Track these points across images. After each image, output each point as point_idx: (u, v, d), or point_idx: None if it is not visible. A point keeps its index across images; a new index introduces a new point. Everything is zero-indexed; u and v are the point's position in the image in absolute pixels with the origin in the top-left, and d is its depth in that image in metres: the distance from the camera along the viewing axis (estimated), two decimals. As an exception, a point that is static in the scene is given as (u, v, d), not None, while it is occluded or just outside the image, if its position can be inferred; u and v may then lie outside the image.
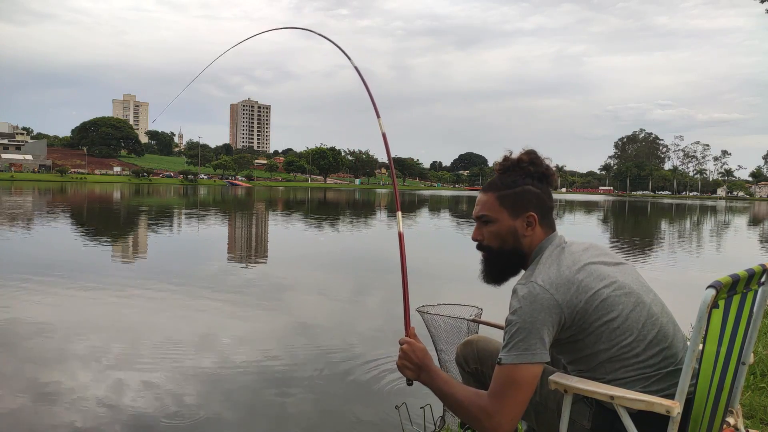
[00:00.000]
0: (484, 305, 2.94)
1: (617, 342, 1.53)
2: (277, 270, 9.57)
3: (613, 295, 1.54)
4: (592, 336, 1.54)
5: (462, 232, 18.92)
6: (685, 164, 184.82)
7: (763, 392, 3.24)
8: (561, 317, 1.51)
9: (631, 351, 1.54)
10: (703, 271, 10.91)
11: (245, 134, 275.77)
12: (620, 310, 1.54)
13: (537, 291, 1.51)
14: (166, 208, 27.43)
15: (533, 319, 1.48)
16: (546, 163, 1.72)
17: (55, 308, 6.17)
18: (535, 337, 1.48)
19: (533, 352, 1.47)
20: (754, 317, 1.69)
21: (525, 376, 1.47)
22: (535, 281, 1.53)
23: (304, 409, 3.75)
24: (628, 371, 1.54)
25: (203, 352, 4.85)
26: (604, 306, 1.53)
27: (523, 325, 1.49)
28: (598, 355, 1.55)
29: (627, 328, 1.54)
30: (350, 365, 4.61)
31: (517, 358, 1.48)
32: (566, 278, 1.53)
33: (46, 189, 53.89)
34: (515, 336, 1.49)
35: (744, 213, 46.41)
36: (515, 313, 1.51)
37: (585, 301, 1.52)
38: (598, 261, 1.61)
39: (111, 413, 3.57)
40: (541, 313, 1.49)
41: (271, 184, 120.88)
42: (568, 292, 1.52)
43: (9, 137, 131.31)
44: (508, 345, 1.50)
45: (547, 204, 1.70)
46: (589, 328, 1.53)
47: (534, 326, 1.48)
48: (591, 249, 1.67)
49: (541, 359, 1.48)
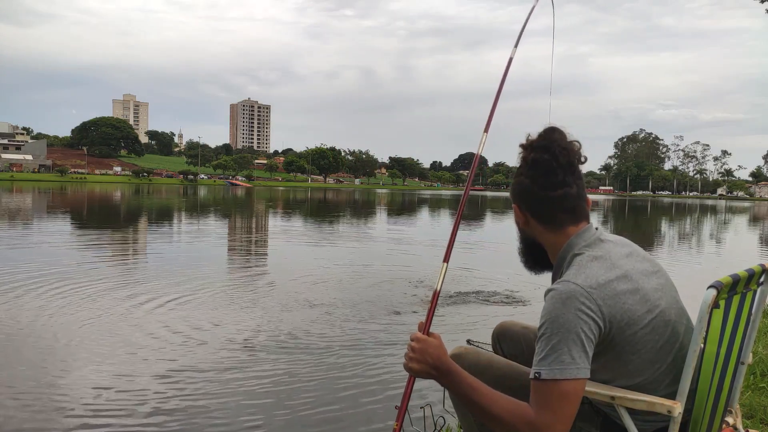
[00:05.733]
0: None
1: (642, 374, 1.45)
2: (293, 270, 9.57)
3: (654, 323, 1.42)
4: (618, 361, 1.43)
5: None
6: (685, 164, 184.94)
7: (762, 392, 3.24)
8: (601, 325, 1.35)
9: (654, 383, 1.46)
10: (703, 272, 10.91)
11: (245, 134, 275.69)
12: (656, 341, 1.43)
13: (576, 291, 1.35)
14: (169, 210, 27.35)
15: (574, 326, 1.32)
16: (534, 154, 1.51)
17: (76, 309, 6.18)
18: (578, 349, 1.31)
19: (578, 366, 1.31)
20: (754, 317, 1.69)
21: (572, 389, 1.31)
22: (574, 281, 1.37)
23: (302, 409, 3.74)
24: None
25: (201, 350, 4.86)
26: (642, 335, 1.40)
27: (564, 334, 1.31)
28: (617, 381, 1.46)
29: (657, 360, 1.44)
30: (350, 365, 4.61)
31: (561, 373, 1.30)
32: (609, 285, 1.38)
33: (46, 189, 53.86)
34: (556, 348, 1.31)
35: (745, 213, 46.38)
36: (553, 317, 1.34)
37: (626, 323, 1.38)
38: (641, 270, 1.47)
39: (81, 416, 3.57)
40: (583, 318, 1.33)
41: (271, 184, 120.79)
42: (611, 303, 1.37)
43: (9, 137, 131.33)
44: (548, 357, 1.32)
45: (539, 195, 1.50)
46: (620, 352, 1.41)
47: (576, 335, 1.31)
48: (633, 255, 1.51)
49: (585, 375, 1.32)
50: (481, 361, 1.67)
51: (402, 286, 8.12)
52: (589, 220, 1.56)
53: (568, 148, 1.49)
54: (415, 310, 6.63)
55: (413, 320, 6.14)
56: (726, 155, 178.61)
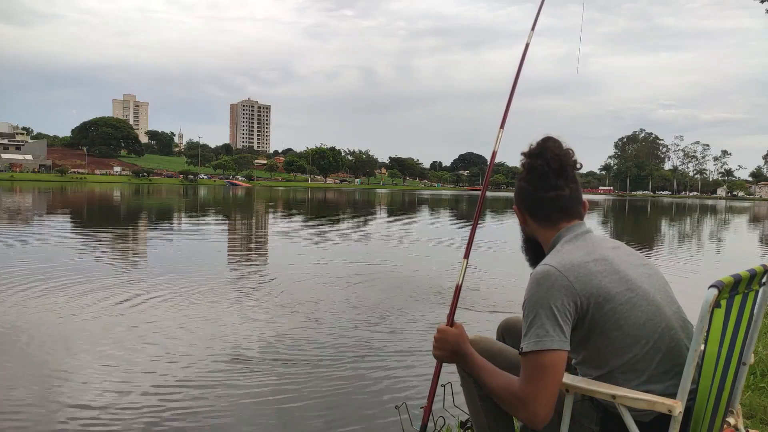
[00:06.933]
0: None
1: (630, 350, 1.50)
2: (301, 272, 9.57)
3: (633, 300, 1.51)
4: (604, 338, 1.51)
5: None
6: (685, 164, 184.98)
7: (763, 392, 3.24)
8: (577, 300, 1.48)
9: (643, 362, 1.51)
10: (701, 273, 10.90)
11: (245, 134, 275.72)
12: (638, 317, 1.51)
13: (549, 271, 1.50)
14: (171, 210, 27.35)
15: (546, 301, 1.46)
16: (530, 161, 1.67)
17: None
18: (552, 322, 1.45)
19: (551, 338, 1.44)
20: (755, 317, 1.69)
21: (549, 361, 1.45)
22: (548, 263, 1.53)
23: (302, 409, 3.75)
24: (640, 385, 1.50)
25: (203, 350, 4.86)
26: (621, 311, 1.49)
27: (538, 309, 1.47)
28: (609, 361, 1.53)
29: (641, 336, 1.51)
30: (350, 365, 4.61)
31: (536, 345, 1.45)
32: (584, 266, 1.51)
33: (46, 189, 53.87)
34: (533, 323, 1.47)
35: (746, 213, 46.39)
36: (529, 297, 1.50)
37: (603, 298, 1.49)
38: (626, 260, 1.59)
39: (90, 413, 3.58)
40: (555, 293, 1.46)
41: (271, 184, 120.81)
42: (585, 279, 1.49)
43: (9, 137, 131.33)
44: (527, 333, 1.48)
45: (534, 197, 1.67)
46: (602, 328, 1.50)
47: (549, 310, 1.46)
48: (620, 248, 1.65)
49: (560, 347, 1.45)
50: (492, 348, 1.84)
51: (411, 287, 8.13)
52: (582, 219, 1.71)
53: (561, 154, 1.64)
54: (423, 313, 6.63)
55: (413, 328, 6.14)
56: (726, 155, 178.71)
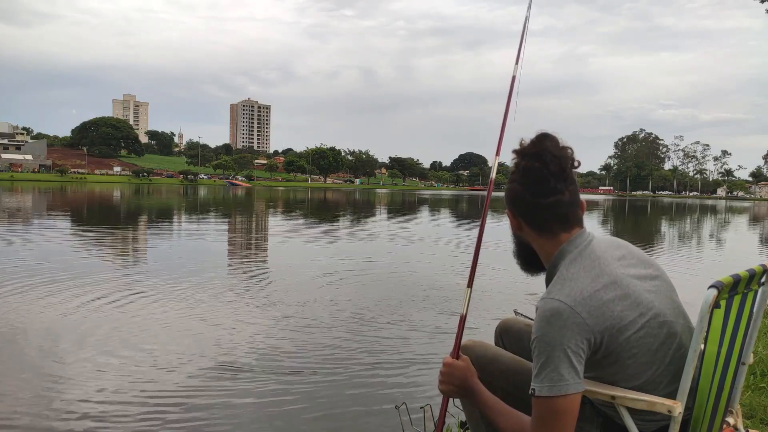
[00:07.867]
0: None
1: (642, 376, 1.46)
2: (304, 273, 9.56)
3: (647, 326, 1.43)
4: (617, 366, 1.45)
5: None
6: (685, 164, 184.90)
7: (763, 392, 3.24)
8: (591, 338, 1.38)
9: (653, 384, 1.47)
10: (701, 273, 10.90)
11: (245, 134, 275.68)
12: (651, 344, 1.44)
13: (559, 309, 1.38)
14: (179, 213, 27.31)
15: (560, 343, 1.35)
16: (525, 162, 1.50)
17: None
18: (566, 365, 1.35)
19: (567, 382, 1.35)
20: (754, 317, 1.68)
21: (564, 406, 1.36)
22: (557, 298, 1.39)
23: (302, 410, 3.75)
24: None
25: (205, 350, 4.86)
26: (636, 339, 1.42)
27: (551, 351, 1.36)
28: (619, 385, 1.48)
29: (654, 362, 1.46)
30: (350, 366, 4.61)
31: (550, 391, 1.35)
32: (595, 296, 1.39)
33: (46, 189, 53.84)
34: (545, 366, 1.36)
35: (745, 212, 46.39)
36: (540, 336, 1.38)
37: (618, 329, 1.40)
38: (633, 274, 1.48)
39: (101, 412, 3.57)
40: (568, 334, 1.36)
41: (271, 184, 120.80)
42: (597, 313, 1.38)
43: (9, 137, 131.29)
44: (539, 375, 1.37)
45: (531, 202, 1.51)
46: (616, 357, 1.43)
47: (562, 352, 1.35)
48: (626, 258, 1.52)
49: (576, 390, 1.36)
50: (487, 354, 1.76)
51: (411, 288, 8.12)
52: (582, 225, 1.56)
53: (560, 155, 1.49)
54: (423, 318, 6.63)
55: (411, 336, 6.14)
56: (726, 155, 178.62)
